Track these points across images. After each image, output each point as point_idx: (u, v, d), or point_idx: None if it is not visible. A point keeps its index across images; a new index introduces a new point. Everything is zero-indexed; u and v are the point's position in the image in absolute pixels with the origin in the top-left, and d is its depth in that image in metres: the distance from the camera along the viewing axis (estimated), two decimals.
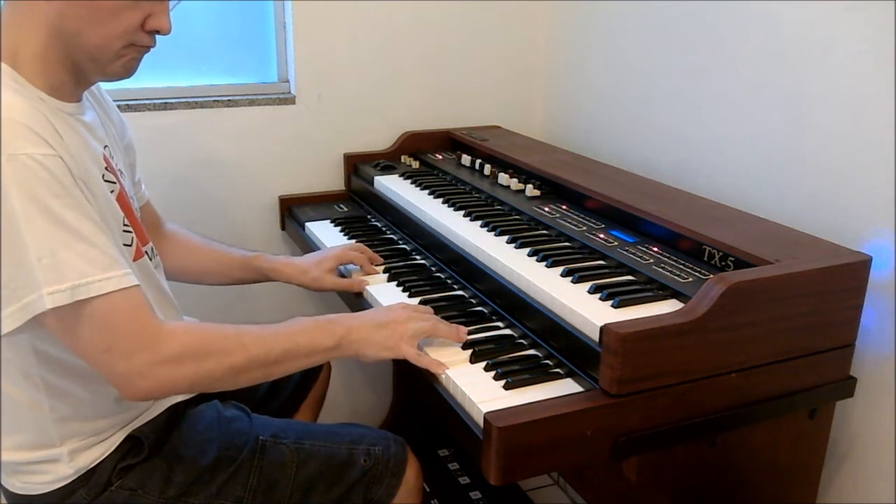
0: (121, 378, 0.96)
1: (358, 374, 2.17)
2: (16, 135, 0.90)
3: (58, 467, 1.09)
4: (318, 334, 1.08)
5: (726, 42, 1.50)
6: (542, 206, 1.51)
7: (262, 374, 1.04)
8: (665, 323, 0.98)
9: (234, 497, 1.15)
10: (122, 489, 1.11)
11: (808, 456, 1.25)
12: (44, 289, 0.89)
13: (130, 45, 1.02)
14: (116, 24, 0.99)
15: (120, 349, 0.95)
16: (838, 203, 1.29)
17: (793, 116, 1.37)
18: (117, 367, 0.95)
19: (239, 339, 1.02)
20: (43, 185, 0.90)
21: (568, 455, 0.98)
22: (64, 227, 0.91)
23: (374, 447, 1.22)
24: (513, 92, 2.12)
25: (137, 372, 0.95)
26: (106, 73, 1.04)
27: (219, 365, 1.00)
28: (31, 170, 0.89)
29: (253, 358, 1.02)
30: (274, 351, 1.04)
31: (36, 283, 0.90)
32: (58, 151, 0.93)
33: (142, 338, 0.95)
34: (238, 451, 1.17)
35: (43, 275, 0.89)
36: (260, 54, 1.91)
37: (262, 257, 1.44)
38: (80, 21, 0.97)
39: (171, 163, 1.81)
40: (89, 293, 0.91)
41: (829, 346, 1.14)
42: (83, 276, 0.91)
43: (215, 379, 1.01)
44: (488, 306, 1.29)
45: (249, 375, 1.03)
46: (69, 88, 1.04)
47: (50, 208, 0.90)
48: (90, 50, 1.00)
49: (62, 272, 0.90)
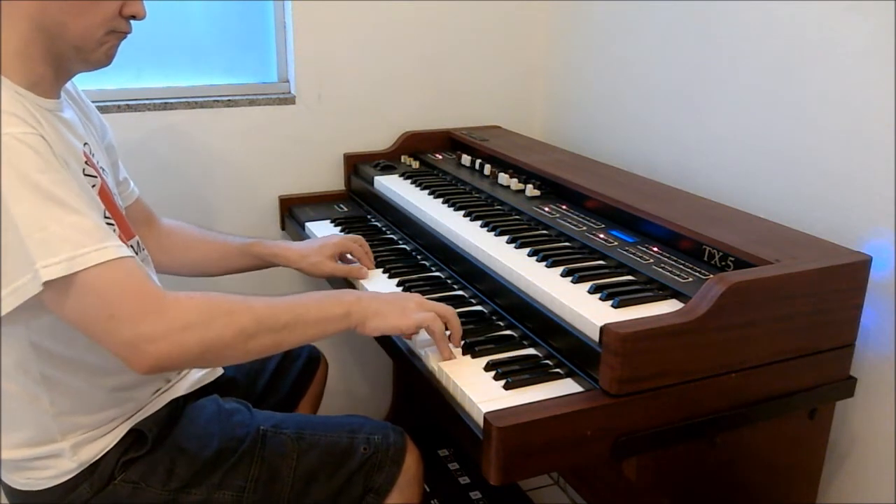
0: (129, 346, 0.93)
1: (357, 373, 2.17)
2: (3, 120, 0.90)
3: (60, 462, 1.09)
4: (327, 302, 1.08)
5: (726, 42, 1.50)
6: (542, 206, 1.51)
7: (272, 341, 1.02)
8: (665, 323, 0.98)
9: (237, 488, 1.15)
10: (126, 482, 1.12)
11: (808, 456, 1.25)
12: (37, 264, 0.88)
13: (111, 32, 1.05)
14: (97, 13, 1.02)
15: (125, 314, 0.92)
16: (838, 203, 1.29)
17: (793, 116, 1.37)
18: (124, 334, 0.92)
19: (246, 303, 1.01)
20: (28, 161, 0.90)
21: (568, 455, 0.98)
22: (54, 200, 0.90)
23: (374, 436, 1.22)
24: (513, 92, 2.12)
25: (146, 337, 0.92)
26: (89, 61, 1.07)
27: (228, 328, 0.97)
28: (13, 148, 0.89)
29: (261, 321, 1.00)
30: (283, 316, 1.03)
31: (28, 260, 0.88)
32: (38, 131, 0.94)
33: (146, 303, 0.93)
34: (239, 442, 1.17)
35: (35, 250, 0.88)
36: (260, 54, 1.91)
37: (260, 243, 1.45)
38: (62, 13, 1.00)
39: (171, 163, 1.81)
40: (87, 263, 0.90)
41: (829, 346, 1.14)
42: (79, 246, 0.90)
43: (226, 344, 0.98)
44: (488, 306, 1.29)
45: (260, 341, 1.01)
46: (48, 84, 1.05)
47: (37, 183, 0.89)
48: (74, 40, 1.02)
49: (55, 246, 0.89)
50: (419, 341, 1.16)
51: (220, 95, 1.84)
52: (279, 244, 1.47)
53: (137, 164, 1.63)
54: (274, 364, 1.50)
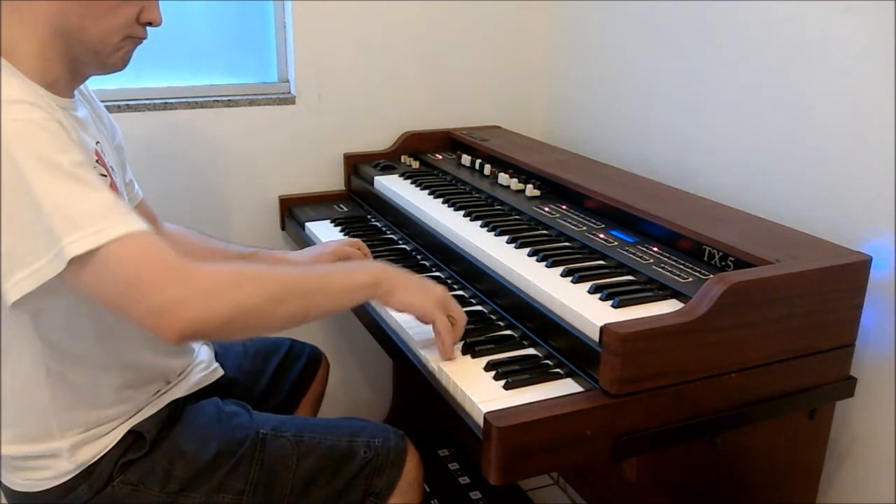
0: (157, 314, 0.91)
1: (358, 373, 2.17)
2: (15, 108, 0.92)
3: (59, 462, 1.09)
4: (355, 270, 1.11)
5: (726, 42, 1.50)
6: (542, 206, 1.51)
7: (300, 307, 1.01)
8: (665, 323, 0.98)
9: (236, 490, 1.15)
10: (124, 484, 1.12)
11: (808, 456, 1.25)
12: (63, 240, 0.88)
13: (128, 38, 1.08)
14: (115, 19, 1.05)
15: (152, 282, 0.91)
16: (838, 203, 1.29)
17: (793, 116, 1.37)
18: (152, 302, 0.91)
19: (272, 270, 1.03)
20: (47, 144, 0.91)
21: (568, 455, 0.98)
22: (75, 178, 0.91)
23: (374, 439, 1.22)
24: (513, 92, 2.12)
25: (174, 302, 0.91)
26: (106, 65, 1.09)
27: (256, 293, 0.97)
28: (33, 133, 0.91)
29: (289, 287, 1.00)
30: (310, 282, 1.03)
31: (52, 240, 0.89)
32: (55, 116, 0.95)
33: (172, 271, 0.92)
34: (239, 444, 1.17)
35: (60, 227, 0.88)
36: (260, 54, 1.91)
37: (259, 253, 1.45)
38: (81, 17, 1.02)
39: (171, 163, 1.81)
40: (113, 234, 0.90)
41: (829, 346, 1.14)
42: (103, 219, 0.90)
43: (255, 308, 0.96)
44: (488, 306, 1.29)
45: (288, 307, 1.00)
46: (63, 84, 1.07)
47: (59, 163, 0.91)
48: (92, 44, 1.05)
49: (80, 221, 0.89)
50: (418, 340, 1.16)
51: (220, 95, 1.84)
52: (277, 255, 1.47)
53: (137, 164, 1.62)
54: (275, 364, 1.50)
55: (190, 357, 1.28)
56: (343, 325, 2.08)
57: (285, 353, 1.52)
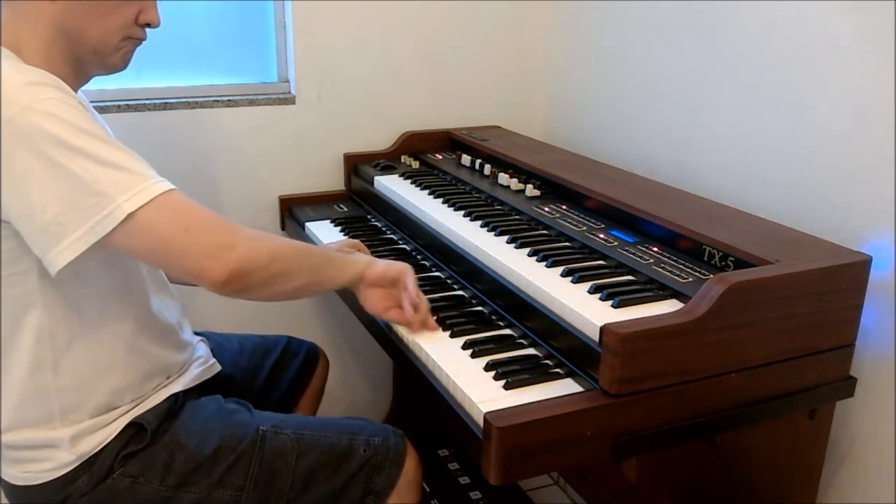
0: (209, 256, 0.99)
1: (357, 373, 2.17)
2: (41, 88, 0.97)
3: (59, 454, 1.09)
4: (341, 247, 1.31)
5: (726, 42, 1.50)
6: (542, 206, 1.51)
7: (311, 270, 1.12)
8: (665, 323, 0.98)
9: (235, 486, 1.15)
10: (124, 477, 1.12)
11: (808, 456, 1.25)
12: (118, 198, 0.95)
13: (127, 39, 1.13)
14: (115, 19, 1.09)
15: (200, 227, 1.00)
16: (838, 203, 1.29)
17: (793, 116, 1.37)
18: (203, 244, 1.00)
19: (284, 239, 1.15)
20: (75, 115, 0.97)
21: (568, 455, 0.98)
22: (107, 143, 0.98)
23: (374, 438, 1.23)
24: (513, 92, 2.12)
25: (224, 244, 1.01)
26: (107, 64, 1.14)
27: (285, 243, 1.11)
28: (60, 107, 0.96)
29: (302, 248, 1.13)
30: (312, 252, 1.17)
31: (106, 196, 0.95)
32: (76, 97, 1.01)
33: (216, 219, 1.03)
34: (239, 440, 1.18)
35: (111, 185, 0.95)
36: (260, 54, 1.91)
37: None
38: (82, 18, 1.07)
39: (171, 163, 1.79)
40: (157, 190, 0.98)
41: (829, 346, 1.14)
42: (145, 178, 0.98)
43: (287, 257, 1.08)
44: (488, 306, 1.29)
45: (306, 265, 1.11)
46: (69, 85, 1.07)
47: (91, 130, 0.97)
48: (92, 44, 1.10)
49: (126, 180, 0.96)
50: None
51: (220, 95, 1.84)
52: None
53: None
54: (272, 361, 1.50)
55: (189, 352, 1.29)
56: (343, 324, 2.08)
57: (282, 351, 1.52)
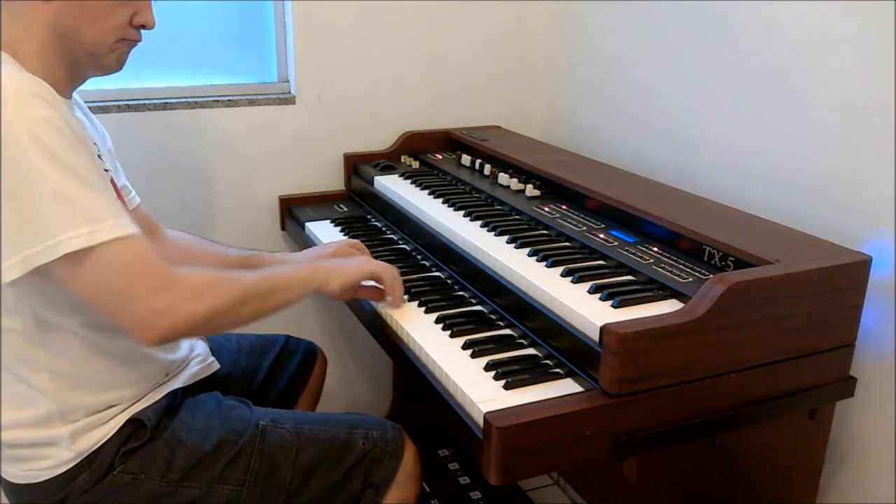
0: (141, 320, 0.99)
1: (357, 373, 2.17)
2: (29, 103, 0.96)
3: (59, 451, 1.10)
4: (293, 268, 1.22)
5: (726, 42, 1.50)
6: (542, 206, 1.51)
7: (259, 306, 1.12)
8: (665, 323, 0.98)
9: (236, 481, 1.16)
10: (125, 473, 1.12)
11: (808, 456, 1.25)
12: (66, 234, 0.93)
13: (122, 40, 1.12)
14: (109, 21, 1.09)
15: (138, 290, 0.98)
16: (838, 203, 1.29)
17: (793, 116, 1.37)
18: (137, 309, 0.99)
19: (236, 276, 1.13)
20: (55, 140, 0.95)
21: (568, 455, 0.98)
22: (77, 176, 0.96)
23: (373, 431, 1.24)
24: (513, 92, 2.12)
25: (157, 311, 0.99)
26: (102, 66, 1.13)
27: (227, 296, 1.07)
28: (44, 128, 0.95)
29: (250, 289, 1.11)
30: (266, 284, 1.14)
31: (51, 230, 0.93)
32: (65, 116, 0.99)
33: (157, 279, 1.00)
34: (239, 435, 1.18)
35: (64, 221, 0.94)
36: (260, 54, 1.91)
37: (258, 256, 1.45)
38: (77, 20, 1.06)
39: (171, 163, 1.81)
40: (106, 237, 0.95)
41: (829, 346, 1.14)
42: (98, 221, 0.96)
43: (225, 310, 1.07)
44: (488, 306, 1.29)
45: (251, 306, 1.10)
46: (63, 86, 1.10)
47: (65, 161, 0.95)
48: (88, 46, 1.09)
49: (77, 219, 0.94)
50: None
51: (220, 95, 1.84)
52: (276, 257, 1.46)
53: (137, 165, 1.63)
54: (270, 360, 1.50)
55: (187, 350, 1.30)
56: (342, 324, 2.08)
57: (280, 349, 1.52)
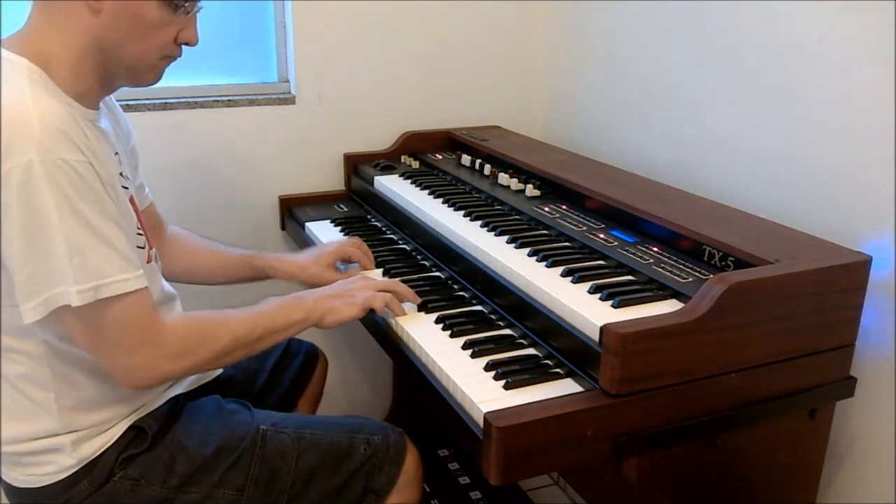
0: (125, 371, 1.04)
1: (357, 373, 2.17)
2: (54, 139, 0.95)
3: (60, 458, 1.10)
4: (290, 310, 1.19)
5: (726, 42, 1.50)
6: (542, 206, 1.51)
7: (244, 354, 1.14)
8: (665, 323, 0.98)
9: (236, 486, 1.16)
10: (125, 479, 1.12)
11: (808, 456, 1.25)
12: (73, 287, 0.95)
13: (165, 57, 1.11)
14: (156, 39, 1.07)
15: (128, 345, 1.02)
16: (838, 203, 1.29)
17: (793, 116, 1.37)
18: (123, 361, 1.03)
19: (227, 326, 1.12)
20: (75, 188, 0.95)
21: (568, 455, 0.98)
22: (91, 229, 0.97)
23: (374, 436, 1.23)
24: (513, 92, 2.12)
25: (141, 365, 1.03)
26: (140, 80, 1.12)
27: (211, 352, 1.10)
28: (65, 174, 0.94)
29: (238, 339, 1.12)
30: (255, 331, 1.14)
31: (64, 278, 0.95)
32: (88, 158, 0.98)
33: (147, 335, 1.03)
34: (239, 440, 1.18)
35: (73, 273, 0.95)
36: (260, 54, 1.91)
37: (259, 256, 1.45)
38: (123, 35, 1.04)
39: (171, 163, 1.81)
40: (108, 293, 0.98)
41: (829, 346, 1.14)
42: (104, 276, 0.97)
43: (206, 363, 1.11)
44: (488, 306, 1.29)
45: (235, 356, 1.13)
46: (94, 97, 1.09)
47: (81, 211, 0.96)
48: (130, 61, 1.07)
49: (88, 272, 0.96)
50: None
51: (220, 95, 1.84)
52: (278, 257, 1.47)
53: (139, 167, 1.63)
54: (272, 362, 1.50)
55: None
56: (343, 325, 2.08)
57: (283, 351, 1.52)
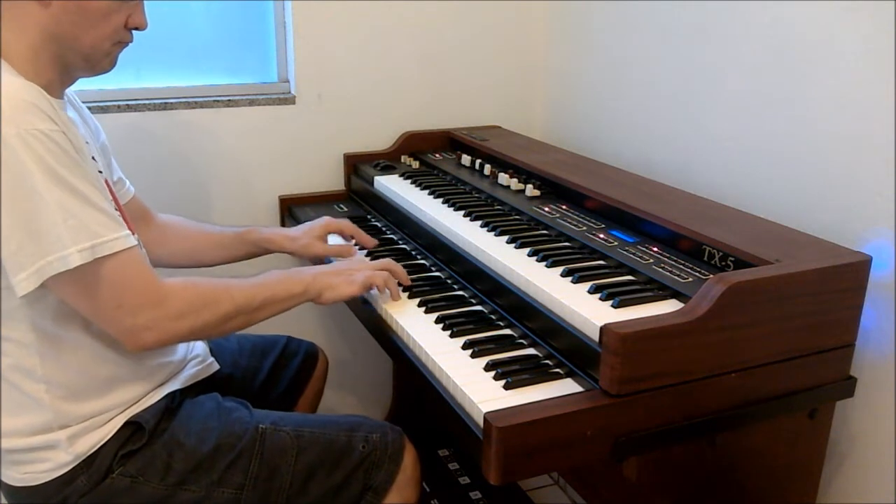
0: (128, 332, 1.06)
1: (358, 373, 2.17)
2: (26, 112, 0.97)
3: (57, 454, 1.10)
4: (289, 282, 1.22)
5: (726, 42, 1.50)
6: (542, 206, 1.51)
7: (245, 321, 1.16)
8: (665, 323, 0.98)
9: (235, 484, 1.16)
10: (123, 476, 1.12)
11: (808, 456, 1.25)
12: (72, 247, 0.97)
13: (117, 43, 1.13)
14: (107, 26, 1.09)
15: (130, 305, 1.04)
16: (838, 203, 1.29)
17: (793, 116, 1.37)
18: (126, 322, 1.05)
19: (228, 291, 1.14)
20: (52, 155, 0.97)
21: (568, 455, 0.98)
22: (76, 193, 0.99)
23: (372, 434, 1.24)
24: (513, 92, 2.12)
25: (144, 326, 1.05)
26: (95, 69, 1.14)
27: (213, 315, 1.11)
28: (42, 142, 0.97)
29: (239, 306, 1.14)
30: (256, 299, 1.17)
31: (58, 244, 0.97)
32: (61, 128, 1.00)
33: (148, 295, 1.06)
34: (238, 438, 1.18)
35: (70, 234, 0.97)
36: (260, 54, 1.91)
37: (254, 230, 1.49)
38: (74, 25, 1.07)
39: (171, 163, 1.81)
40: (104, 251, 1.00)
41: (829, 346, 1.14)
42: (98, 236, 1.00)
43: (209, 326, 1.12)
44: (488, 306, 1.29)
45: (236, 322, 1.15)
46: (55, 88, 1.11)
47: (63, 176, 0.98)
48: (84, 50, 1.09)
49: (84, 232, 0.98)
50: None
51: (220, 95, 1.84)
52: (272, 229, 1.51)
53: (137, 164, 1.63)
54: (271, 361, 1.50)
55: (185, 351, 1.30)
56: (343, 324, 2.08)
57: (281, 350, 1.52)
